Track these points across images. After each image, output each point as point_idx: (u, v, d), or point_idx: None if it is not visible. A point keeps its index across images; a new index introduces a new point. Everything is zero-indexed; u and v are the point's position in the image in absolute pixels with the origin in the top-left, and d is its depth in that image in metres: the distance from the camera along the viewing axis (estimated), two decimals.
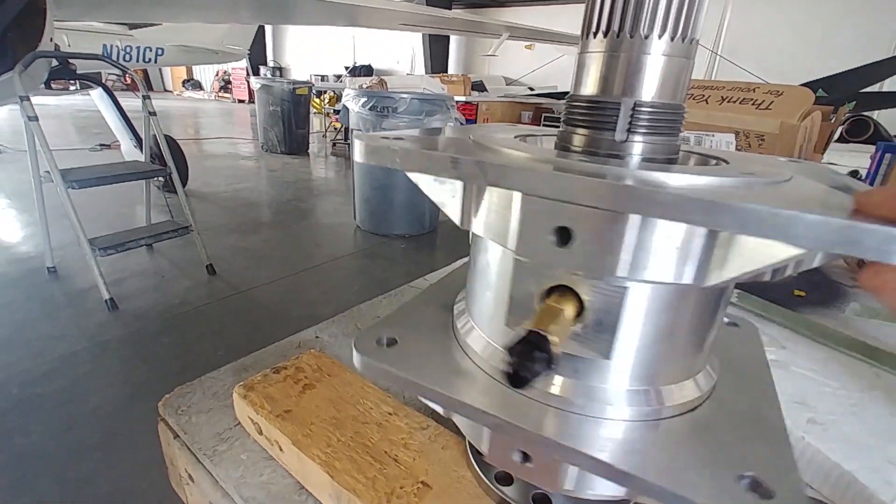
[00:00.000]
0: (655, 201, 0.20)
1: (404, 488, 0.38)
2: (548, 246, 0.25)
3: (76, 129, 6.80)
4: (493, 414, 0.28)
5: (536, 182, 0.23)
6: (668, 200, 0.20)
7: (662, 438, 0.27)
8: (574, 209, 0.23)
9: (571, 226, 0.24)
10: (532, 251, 0.26)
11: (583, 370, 0.29)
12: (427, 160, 0.26)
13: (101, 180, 2.23)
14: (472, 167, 0.24)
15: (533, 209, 0.25)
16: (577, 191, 0.22)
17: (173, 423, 0.52)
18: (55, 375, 1.74)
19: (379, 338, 0.37)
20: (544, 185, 0.23)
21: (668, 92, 0.28)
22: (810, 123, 1.10)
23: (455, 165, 0.25)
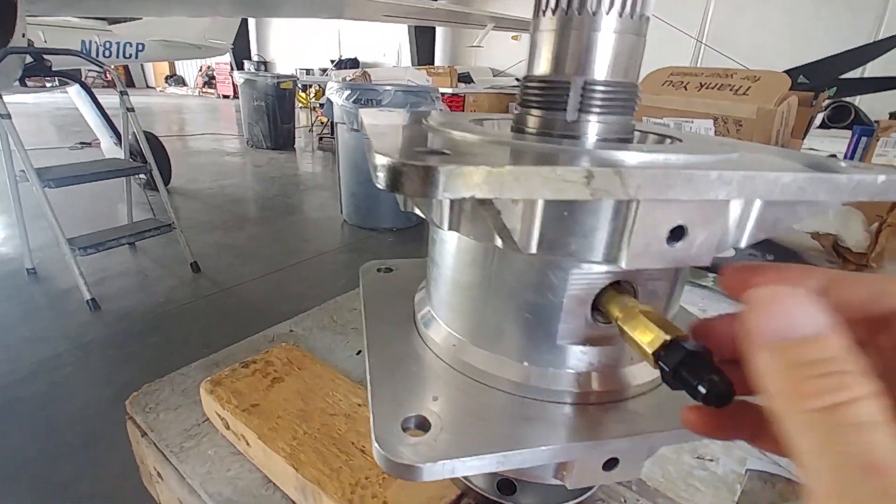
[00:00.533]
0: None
1: (369, 479, 0.38)
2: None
3: (56, 128, 6.65)
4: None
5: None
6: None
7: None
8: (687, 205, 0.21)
9: (686, 223, 0.22)
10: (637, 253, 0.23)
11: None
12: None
13: (79, 179, 2.18)
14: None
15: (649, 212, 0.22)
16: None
17: (141, 420, 0.51)
18: (36, 378, 1.71)
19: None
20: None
21: (620, 70, 0.28)
22: (787, 108, 1.10)
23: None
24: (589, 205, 0.21)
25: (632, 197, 0.19)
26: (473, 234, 0.25)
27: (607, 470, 0.27)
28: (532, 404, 0.27)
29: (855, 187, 0.21)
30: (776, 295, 0.16)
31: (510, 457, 0.23)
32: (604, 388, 0.27)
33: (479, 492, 0.37)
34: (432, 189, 0.17)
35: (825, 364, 0.14)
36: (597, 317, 0.26)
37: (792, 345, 0.15)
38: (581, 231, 0.22)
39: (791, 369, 0.15)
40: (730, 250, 0.81)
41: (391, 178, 0.18)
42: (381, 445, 0.23)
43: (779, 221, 0.24)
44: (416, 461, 0.22)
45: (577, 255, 0.22)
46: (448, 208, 0.24)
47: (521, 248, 0.22)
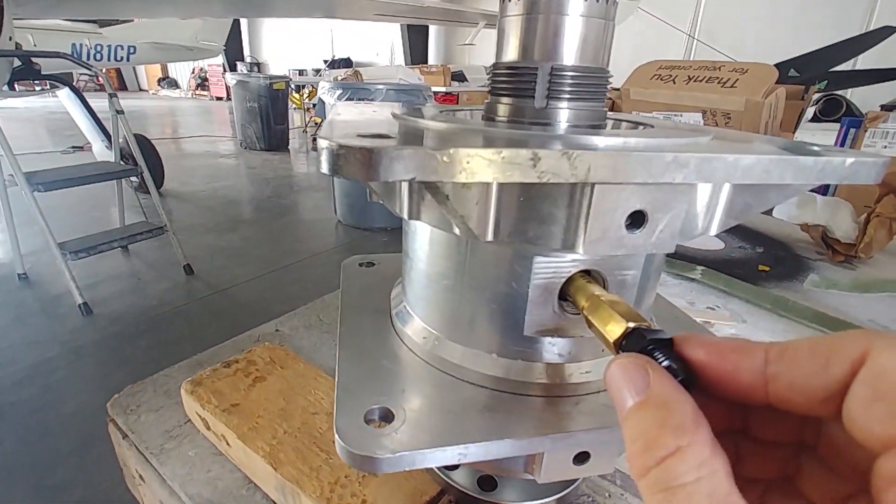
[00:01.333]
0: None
1: (349, 477, 0.37)
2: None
3: (48, 132, 6.61)
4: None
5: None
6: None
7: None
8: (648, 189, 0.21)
9: (646, 208, 0.21)
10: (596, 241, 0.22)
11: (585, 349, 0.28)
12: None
13: (68, 182, 2.16)
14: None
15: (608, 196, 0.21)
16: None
17: (122, 422, 0.50)
18: (28, 383, 1.70)
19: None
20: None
21: (588, 55, 0.27)
22: (775, 100, 1.10)
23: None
24: (545, 190, 0.21)
25: (581, 180, 0.18)
26: (434, 222, 0.24)
27: (578, 464, 0.26)
28: (500, 397, 0.26)
29: (822, 169, 0.21)
30: (617, 367, 0.16)
31: (473, 449, 0.23)
32: (574, 381, 0.27)
33: (459, 488, 0.36)
34: (372, 171, 0.17)
35: (650, 429, 0.14)
36: (565, 306, 0.25)
37: (626, 414, 0.15)
38: (538, 217, 0.21)
39: (628, 441, 0.15)
40: (718, 242, 0.80)
41: (331, 161, 0.17)
42: (341, 437, 0.22)
43: (749, 207, 0.23)
44: (376, 453, 0.22)
45: (536, 242, 0.22)
46: (407, 196, 0.23)
47: (477, 235, 0.21)
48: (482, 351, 0.27)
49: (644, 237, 0.21)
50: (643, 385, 0.15)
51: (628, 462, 0.15)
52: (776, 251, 0.94)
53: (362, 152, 0.17)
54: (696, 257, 0.86)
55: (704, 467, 0.13)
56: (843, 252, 0.90)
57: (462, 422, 0.24)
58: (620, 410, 0.16)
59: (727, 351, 0.16)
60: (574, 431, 0.24)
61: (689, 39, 6.21)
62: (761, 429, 0.18)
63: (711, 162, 0.19)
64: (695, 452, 0.13)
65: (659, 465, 0.13)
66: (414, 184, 0.23)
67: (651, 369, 0.16)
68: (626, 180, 0.19)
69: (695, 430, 0.14)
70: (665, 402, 0.15)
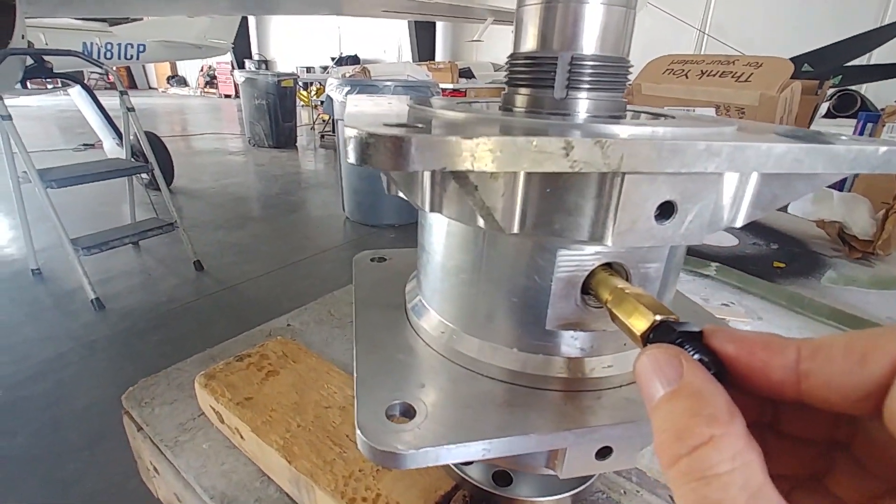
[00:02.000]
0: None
1: (363, 471, 0.37)
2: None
3: (60, 130, 6.69)
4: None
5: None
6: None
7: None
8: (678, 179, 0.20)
9: (675, 199, 0.21)
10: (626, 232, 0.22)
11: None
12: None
13: (81, 179, 2.19)
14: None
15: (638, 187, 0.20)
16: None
17: (137, 415, 0.51)
18: (41, 378, 1.72)
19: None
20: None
21: (609, 44, 0.27)
22: (790, 95, 1.09)
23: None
24: (572, 180, 0.20)
25: (614, 169, 0.18)
26: (455, 214, 0.24)
27: (601, 459, 0.26)
28: (522, 391, 0.26)
29: (854, 158, 0.20)
30: (648, 358, 0.16)
31: (496, 444, 0.22)
32: (595, 375, 0.26)
33: (474, 483, 0.36)
34: (402, 161, 0.16)
35: (683, 417, 0.14)
36: (587, 300, 0.25)
37: (657, 404, 0.15)
38: (565, 208, 0.21)
39: (657, 431, 0.15)
40: (732, 239, 0.79)
41: (360, 151, 0.17)
42: (363, 433, 0.22)
43: (776, 198, 0.23)
44: (399, 449, 0.21)
45: (562, 234, 0.21)
46: (429, 188, 0.23)
47: (503, 227, 0.21)
48: (502, 345, 0.27)
49: (673, 228, 0.21)
50: (675, 375, 0.15)
51: (656, 451, 0.15)
52: (791, 248, 0.93)
53: (393, 141, 0.16)
54: (710, 254, 0.85)
55: (739, 458, 0.13)
56: (860, 249, 0.88)
57: (483, 417, 0.24)
58: (650, 400, 0.16)
59: (757, 346, 0.16)
60: (597, 426, 0.23)
61: (699, 35, 6.14)
62: (792, 425, 0.17)
63: (744, 151, 0.19)
64: (730, 443, 0.13)
65: (691, 454, 0.13)
66: (437, 175, 0.22)
67: (684, 360, 0.15)
68: (659, 170, 0.18)
69: (729, 420, 0.14)
70: (699, 392, 0.14)
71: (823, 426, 0.17)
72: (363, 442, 0.22)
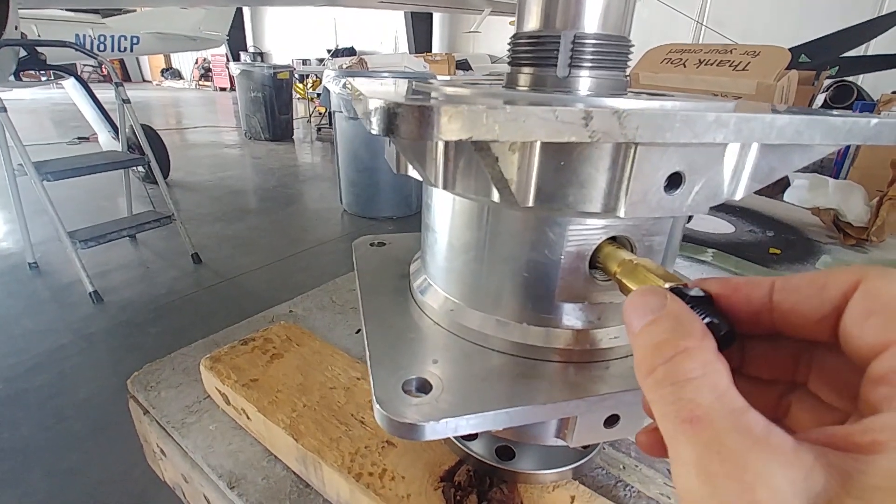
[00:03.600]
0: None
1: (369, 448, 0.38)
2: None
3: (54, 124, 6.63)
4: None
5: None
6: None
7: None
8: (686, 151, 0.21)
9: (683, 169, 0.22)
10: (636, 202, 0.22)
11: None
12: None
13: (76, 171, 2.17)
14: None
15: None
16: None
17: (142, 398, 0.51)
18: (41, 369, 1.72)
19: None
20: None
21: (611, 22, 0.27)
22: (787, 83, 1.09)
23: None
24: (586, 152, 0.21)
25: (630, 139, 0.18)
26: (469, 189, 0.24)
27: (608, 427, 0.27)
28: (531, 364, 0.27)
29: (849, 130, 0.21)
30: (637, 294, 0.18)
31: (512, 414, 0.23)
32: (603, 346, 0.27)
33: (477, 458, 0.37)
34: (428, 130, 0.17)
35: (662, 335, 0.16)
36: (595, 273, 0.26)
37: (640, 328, 0.17)
38: (578, 180, 0.22)
39: (638, 348, 0.16)
40: (728, 226, 0.80)
41: (386, 121, 0.17)
42: (382, 406, 0.23)
43: (773, 170, 0.23)
44: (418, 420, 0.22)
45: (575, 206, 0.22)
46: (443, 164, 0.24)
47: (518, 200, 0.22)
48: (511, 320, 0.28)
49: (681, 199, 0.21)
50: (659, 307, 0.17)
51: (636, 365, 0.16)
52: (787, 235, 0.94)
53: (421, 111, 0.17)
54: (706, 240, 0.86)
55: (709, 366, 0.14)
56: (854, 236, 0.89)
57: (497, 388, 0.25)
58: (633, 329, 0.17)
59: (740, 284, 0.18)
60: (607, 394, 0.24)
61: (697, 26, 6.12)
62: (756, 367, 0.19)
63: (749, 122, 0.19)
64: (701, 354, 0.15)
65: (666, 363, 0.15)
66: (451, 151, 0.23)
67: (669, 296, 0.17)
68: (672, 140, 0.19)
69: (702, 338, 0.15)
70: (678, 316, 0.16)
71: (784, 366, 0.18)
72: (382, 415, 0.23)
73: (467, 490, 0.35)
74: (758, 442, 0.12)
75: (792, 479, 0.11)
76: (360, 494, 0.35)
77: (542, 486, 0.36)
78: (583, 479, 0.38)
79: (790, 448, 0.12)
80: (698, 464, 0.13)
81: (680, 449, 0.13)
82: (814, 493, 0.11)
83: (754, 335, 0.18)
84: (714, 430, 0.13)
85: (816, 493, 0.11)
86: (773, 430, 0.13)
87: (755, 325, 0.17)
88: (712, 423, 0.13)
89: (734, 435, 0.13)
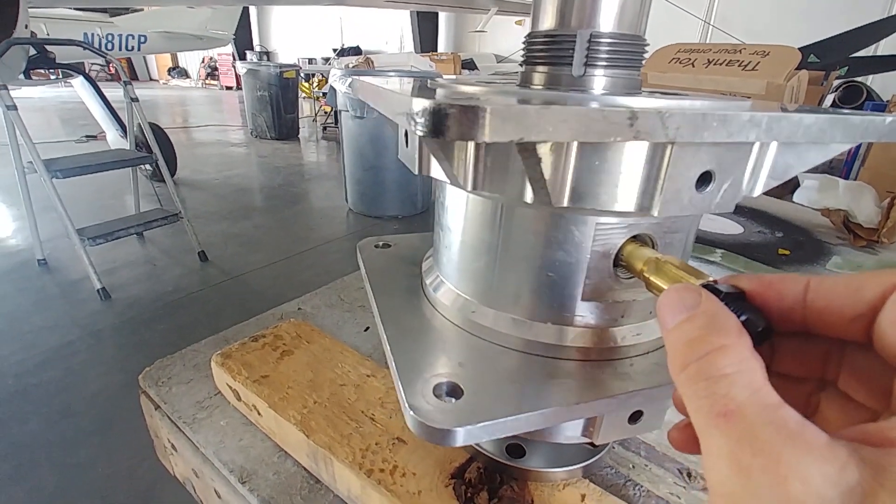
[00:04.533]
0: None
1: (379, 444, 0.38)
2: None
3: (62, 122, 6.68)
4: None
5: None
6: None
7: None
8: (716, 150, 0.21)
9: (713, 168, 0.22)
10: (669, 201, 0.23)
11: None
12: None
13: (86, 169, 2.19)
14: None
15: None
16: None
17: (154, 394, 0.52)
18: (50, 365, 1.74)
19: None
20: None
21: (626, 21, 0.27)
22: (797, 84, 1.09)
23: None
24: (622, 152, 0.21)
25: (671, 139, 0.19)
26: (499, 190, 0.24)
27: (633, 423, 0.27)
28: (558, 363, 0.27)
29: (866, 128, 0.21)
30: (671, 291, 0.18)
31: (546, 415, 0.23)
32: (627, 343, 0.27)
33: (488, 455, 0.37)
34: (480, 131, 0.17)
35: (696, 332, 0.16)
36: (618, 272, 0.26)
37: (675, 325, 0.17)
38: (613, 180, 0.22)
39: (672, 344, 0.16)
40: (737, 226, 0.80)
41: (434, 121, 0.17)
42: (417, 413, 0.23)
43: (789, 167, 0.23)
44: (453, 425, 0.22)
45: (608, 205, 0.22)
46: (472, 165, 0.24)
47: (553, 201, 0.22)
48: (535, 320, 0.28)
49: (710, 197, 0.22)
50: (694, 304, 0.17)
51: (669, 361, 0.16)
52: (796, 236, 0.93)
53: (474, 112, 0.17)
54: (715, 241, 0.85)
55: (744, 363, 0.14)
56: (865, 237, 0.89)
57: (528, 390, 0.25)
58: (666, 326, 0.17)
59: (774, 281, 0.18)
60: (635, 391, 0.24)
61: (704, 25, 6.09)
62: (786, 364, 0.19)
63: (780, 121, 0.19)
64: (737, 351, 0.15)
65: (701, 359, 0.15)
66: (482, 152, 0.23)
67: (704, 294, 0.17)
68: (708, 139, 0.19)
69: (738, 336, 0.15)
70: (713, 314, 0.16)
71: (814, 364, 0.18)
72: (416, 422, 0.23)
73: (478, 487, 0.36)
74: (792, 436, 0.12)
75: (826, 474, 0.12)
76: (371, 490, 0.35)
77: (553, 484, 0.36)
78: (593, 478, 0.38)
79: (824, 443, 0.12)
80: (731, 456, 0.13)
81: (713, 442, 0.14)
82: (848, 488, 0.11)
83: (785, 332, 0.18)
84: (748, 423, 0.13)
85: (850, 487, 0.11)
86: (808, 426, 0.13)
87: (787, 323, 0.17)
88: (746, 417, 0.13)
89: (768, 429, 0.13)
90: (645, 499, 0.38)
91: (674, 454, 0.42)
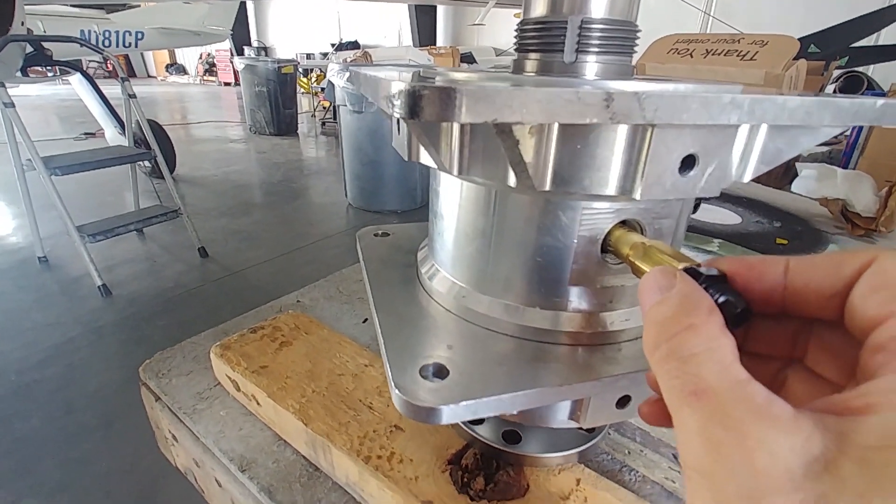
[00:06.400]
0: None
1: (377, 432, 0.39)
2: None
3: (60, 120, 6.66)
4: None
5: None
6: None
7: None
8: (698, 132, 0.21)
9: (697, 151, 0.22)
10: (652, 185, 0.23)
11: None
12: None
13: (85, 166, 2.19)
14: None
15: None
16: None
17: (154, 385, 0.52)
18: (52, 362, 1.75)
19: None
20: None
21: (618, 7, 0.27)
22: (795, 73, 1.08)
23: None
24: (603, 135, 0.21)
25: (649, 121, 0.19)
26: (485, 175, 0.24)
27: (620, 408, 0.27)
28: (545, 347, 0.27)
29: (856, 111, 0.21)
30: (650, 274, 0.18)
31: (529, 395, 0.24)
32: (614, 328, 0.27)
33: (484, 441, 0.37)
34: (453, 111, 0.17)
35: (668, 312, 0.16)
36: (606, 257, 0.26)
37: (650, 309, 0.17)
38: (594, 163, 0.22)
39: (648, 326, 0.17)
40: (735, 217, 0.80)
41: (410, 103, 0.17)
42: (401, 391, 0.23)
43: (780, 152, 0.24)
44: (437, 404, 0.23)
45: (591, 189, 0.22)
46: (458, 150, 0.24)
47: (535, 184, 0.22)
48: (524, 304, 0.28)
49: (694, 181, 0.22)
50: (669, 286, 0.17)
51: (644, 342, 0.17)
52: (794, 226, 0.93)
53: (447, 92, 0.17)
54: (713, 231, 0.85)
55: (713, 342, 0.15)
56: (863, 226, 0.89)
57: (513, 371, 0.25)
58: (645, 308, 0.18)
59: (755, 263, 0.18)
60: (620, 375, 0.25)
61: (704, 16, 6.05)
62: (756, 344, 0.19)
63: (762, 103, 0.19)
64: (706, 330, 0.15)
65: (671, 339, 0.15)
66: (467, 136, 0.23)
67: (679, 275, 0.17)
68: (688, 122, 0.19)
69: (708, 315, 0.16)
70: (686, 295, 0.17)
71: (784, 343, 0.19)
72: (401, 400, 0.23)
73: (474, 473, 0.36)
74: (759, 411, 0.13)
75: (791, 445, 0.12)
76: (368, 476, 0.35)
77: (549, 469, 0.36)
78: (588, 463, 0.38)
79: (790, 416, 0.13)
80: (702, 433, 0.13)
81: (685, 419, 0.14)
82: (812, 457, 0.12)
83: (759, 313, 0.18)
84: (718, 400, 0.13)
85: (815, 456, 0.12)
86: (774, 400, 0.13)
87: (767, 304, 0.18)
88: (716, 395, 0.13)
89: (737, 405, 0.13)
90: (640, 483, 0.38)
91: (669, 440, 0.42)
